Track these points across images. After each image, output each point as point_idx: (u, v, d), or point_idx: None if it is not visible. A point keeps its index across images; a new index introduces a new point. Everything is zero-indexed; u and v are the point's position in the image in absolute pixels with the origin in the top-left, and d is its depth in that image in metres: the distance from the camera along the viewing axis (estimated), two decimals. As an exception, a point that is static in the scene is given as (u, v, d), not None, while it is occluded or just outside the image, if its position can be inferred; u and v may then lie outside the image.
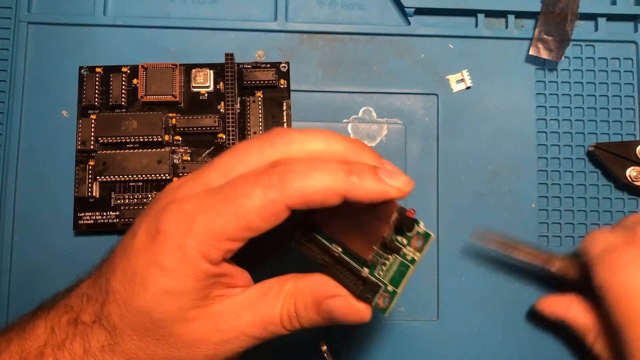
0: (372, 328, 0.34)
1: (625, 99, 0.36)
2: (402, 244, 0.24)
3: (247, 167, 0.23)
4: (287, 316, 0.24)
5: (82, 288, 0.25)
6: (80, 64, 0.34)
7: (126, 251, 0.23)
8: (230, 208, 0.22)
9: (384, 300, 0.24)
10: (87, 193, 0.33)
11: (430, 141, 0.35)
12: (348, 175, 0.22)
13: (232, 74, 0.34)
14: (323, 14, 0.36)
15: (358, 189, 0.22)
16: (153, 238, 0.22)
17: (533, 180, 0.35)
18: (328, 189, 0.22)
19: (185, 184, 0.24)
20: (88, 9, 0.36)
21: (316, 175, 0.22)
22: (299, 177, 0.22)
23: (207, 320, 0.23)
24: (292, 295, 0.24)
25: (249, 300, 0.24)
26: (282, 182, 0.22)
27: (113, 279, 0.23)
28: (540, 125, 0.36)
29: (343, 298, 0.24)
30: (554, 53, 0.35)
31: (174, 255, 0.22)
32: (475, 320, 0.34)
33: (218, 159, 0.24)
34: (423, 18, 0.37)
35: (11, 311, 0.33)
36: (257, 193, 0.22)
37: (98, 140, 0.33)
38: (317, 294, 0.24)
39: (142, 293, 0.22)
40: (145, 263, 0.22)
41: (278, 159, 0.23)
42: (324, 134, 0.24)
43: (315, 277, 0.25)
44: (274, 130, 0.24)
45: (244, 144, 0.24)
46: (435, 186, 0.35)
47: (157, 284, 0.22)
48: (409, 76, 0.36)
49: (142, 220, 0.23)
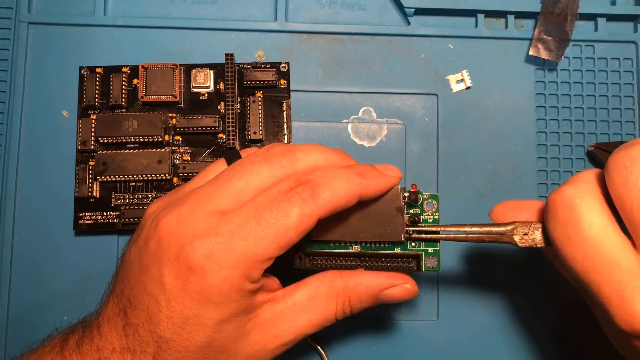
0: (372, 328, 0.34)
1: (625, 99, 0.36)
2: (418, 213, 0.28)
3: (260, 191, 0.24)
4: (342, 311, 0.27)
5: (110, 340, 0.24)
6: (81, 64, 0.34)
7: (158, 299, 0.23)
8: (271, 229, 0.23)
9: (430, 261, 0.28)
10: (88, 193, 0.33)
11: (430, 141, 0.35)
12: (360, 177, 0.25)
13: (232, 74, 0.34)
14: (323, 14, 0.36)
15: (371, 186, 0.25)
16: (186, 278, 0.23)
17: (533, 180, 0.35)
18: (350, 193, 0.24)
19: (195, 216, 0.23)
20: (88, 9, 0.36)
21: (336, 183, 0.24)
22: (325, 188, 0.24)
23: (262, 330, 0.25)
24: (344, 293, 0.27)
25: (300, 305, 0.26)
26: (313, 197, 0.23)
27: (159, 329, 0.23)
28: (540, 125, 0.36)
29: (400, 287, 0.27)
30: (553, 53, 0.35)
31: (222, 288, 0.23)
32: (475, 320, 0.34)
33: (223, 182, 0.24)
34: (423, 18, 0.37)
35: (11, 311, 0.33)
36: (295, 211, 0.23)
37: (98, 140, 0.33)
38: (372, 288, 0.27)
39: (201, 332, 0.23)
40: (193, 305, 0.23)
41: (298, 177, 0.24)
42: (317, 148, 0.26)
43: (362, 273, 0.27)
44: (276, 150, 0.25)
45: (249, 165, 0.25)
46: (435, 186, 0.35)
47: (214, 318, 0.23)
48: (409, 76, 0.36)
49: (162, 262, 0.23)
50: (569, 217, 0.23)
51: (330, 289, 0.26)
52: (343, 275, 0.27)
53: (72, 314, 0.33)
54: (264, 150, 0.26)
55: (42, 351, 0.25)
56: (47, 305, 0.33)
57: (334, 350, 0.33)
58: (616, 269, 0.21)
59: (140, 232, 0.25)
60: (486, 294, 0.34)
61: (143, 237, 0.24)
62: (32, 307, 0.33)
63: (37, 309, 0.33)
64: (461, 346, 0.34)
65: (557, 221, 0.23)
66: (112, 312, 0.24)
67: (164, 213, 0.24)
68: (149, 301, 0.23)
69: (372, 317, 0.34)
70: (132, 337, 0.23)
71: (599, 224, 0.22)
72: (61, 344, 0.25)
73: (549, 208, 0.24)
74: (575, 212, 0.23)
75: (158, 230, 0.24)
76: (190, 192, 0.25)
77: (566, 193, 0.23)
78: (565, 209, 0.23)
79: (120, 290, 0.25)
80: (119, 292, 0.25)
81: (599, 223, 0.22)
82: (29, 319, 0.33)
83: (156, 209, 0.26)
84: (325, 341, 0.34)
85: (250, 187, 0.24)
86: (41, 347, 0.25)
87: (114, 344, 0.24)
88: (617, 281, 0.21)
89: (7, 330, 0.33)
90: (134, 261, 0.24)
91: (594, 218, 0.22)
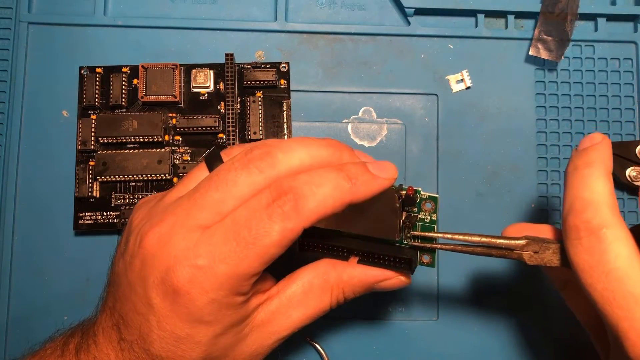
0: (372, 328, 0.34)
1: (625, 99, 0.36)
2: (415, 212, 0.27)
3: (240, 200, 0.23)
4: (336, 302, 0.26)
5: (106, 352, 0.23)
6: (81, 64, 0.34)
7: (149, 320, 0.22)
8: (252, 250, 0.22)
9: (424, 257, 0.27)
10: (87, 193, 0.33)
11: (430, 141, 0.35)
12: (349, 182, 0.23)
13: (232, 74, 0.34)
14: (323, 14, 0.36)
15: (361, 192, 0.23)
16: (174, 301, 0.22)
17: (533, 180, 0.35)
18: (336, 201, 0.23)
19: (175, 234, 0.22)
20: (88, 9, 0.36)
21: (322, 191, 0.22)
22: (310, 199, 0.22)
23: (260, 330, 0.25)
24: (338, 286, 0.26)
25: (294, 300, 0.26)
26: (296, 209, 0.22)
27: (152, 348, 0.23)
28: (540, 125, 0.36)
29: (394, 279, 0.27)
30: (553, 53, 0.35)
31: (211, 308, 0.22)
32: (475, 320, 0.34)
33: (200, 195, 0.23)
34: (423, 18, 0.37)
35: (12, 311, 0.33)
36: (276, 228, 0.22)
37: (98, 140, 0.33)
38: (366, 280, 0.26)
39: (196, 349, 0.23)
40: (184, 325, 0.22)
41: (279, 184, 0.22)
42: (302, 144, 0.24)
43: (354, 265, 0.27)
44: (254, 154, 0.23)
45: (225, 174, 0.23)
46: (435, 186, 0.35)
47: (207, 335, 0.23)
48: (409, 76, 0.36)
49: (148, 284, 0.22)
50: (594, 246, 0.22)
51: (324, 282, 0.26)
52: (336, 267, 0.26)
53: (72, 314, 0.33)
54: (243, 153, 0.24)
55: (44, 354, 0.25)
56: (47, 305, 0.33)
57: (334, 350, 0.33)
58: (638, 305, 0.21)
59: (126, 245, 0.24)
60: (486, 294, 0.34)
61: (129, 253, 0.24)
62: (32, 307, 0.33)
63: (37, 309, 0.33)
64: (461, 346, 0.34)
65: (580, 248, 0.22)
66: (106, 324, 0.24)
67: (146, 229, 0.23)
68: (140, 320, 0.23)
69: (372, 317, 0.34)
70: (127, 352, 0.23)
71: (625, 257, 0.22)
72: (62, 348, 0.25)
73: (572, 232, 0.23)
74: (602, 242, 0.22)
75: (142, 249, 0.23)
76: (171, 203, 0.24)
77: (593, 221, 0.22)
78: (591, 237, 0.22)
79: (112, 304, 0.24)
80: (111, 305, 0.24)
81: (625, 255, 0.22)
82: (29, 319, 0.33)
83: (140, 222, 0.24)
84: (325, 341, 0.34)
85: (228, 197, 0.23)
86: (42, 349, 0.25)
87: (110, 357, 0.23)
88: (638, 319, 0.21)
89: (7, 330, 0.33)
90: (121, 276, 0.24)
91: (620, 250, 0.22)
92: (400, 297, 0.34)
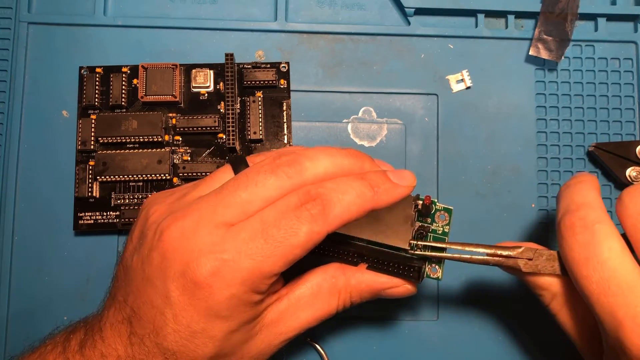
0: (372, 328, 0.34)
1: (625, 99, 0.36)
2: (428, 223, 0.28)
3: (267, 202, 0.24)
4: (342, 306, 0.27)
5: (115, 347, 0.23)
6: (81, 64, 0.34)
7: (164, 313, 0.23)
8: (279, 249, 0.22)
9: (432, 269, 0.28)
10: (87, 193, 0.33)
11: (430, 141, 0.35)
12: (372, 191, 0.24)
13: (232, 74, 0.34)
14: (323, 14, 0.36)
15: (383, 200, 0.24)
16: (193, 294, 0.22)
17: (533, 180, 0.35)
18: (360, 208, 0.24)
19: (200, 229, 0.23)
20: (88, 9, 0.36)
21: (347, 199, 0.23)
22: (336, 205, 0.23)
23: (268, 330, 0.25)
24: (346, 290, 0.27)
25: (302, 301, 0.26)
26: (323, 214, 0.23)
27: (165, 341, 0.23)
28: (540, 125, 0.36)
29: (402, 288, 0.27)
30: (554, 53, 0.35)
31: (230, 303, 0.23)
32: (475, 320, 0.34)
33: (228, 193, 0.24)
34: (423, 18, 0.37)
35: (11, 311, 0.33)
36: (303, 229, 0.23)
37: (98, 140, 0.33)
38: (374, 287, 0.27)
39: (210, 344, 0.23)
40: (200, 319, 0.23)
41: (308, 190, 0.24)
42: (327, 153, 0.25)
43: (363, 271, 0.27)
44: (282, 160, 0.24)
45: (255, 175, 0.24)
46: (435, 186, 0.35)
47: (223, 330, 0.23)
48: (409, 76, 0.36)
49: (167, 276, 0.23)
50: (589, 240, 0.24)
51: (332, 286, 0.27)
52: (345, 271, 0.27)
53: (72, 314, 0.32)
54: (271, 159, 0.25)
55: (44, 350, 0.25)
56: (47, 305, 0.33)
57: (334, 350, 0.33)
58: (632, 292, 0.22)
59: (143, 239, 0.25)
60: (486, 294, 0.34)
61: (146, 247, 0.24)
62: (32, 307, 0.33)
63: (37, 309, 0.33)
64: (461, 346, 0.34)
65: (575, 243, 0.24)
66: (114, 319, 0.24)
67: (167, 223, 0.24)
68: (155, 314, 0.23)
69: (372, 317, 0.34)
70: (137, 347, 0.23)
71: (618, 249, 0.23)
72: (63, 344, 0.24)
73: (567, 231, 0.25)
74: (595, 235, 0.24)
75: (162, 242, 0.23)
76: (194, 200, 0.25)
77: (588, 218, 0.24)
78: (586, 232, 0.24)
79: (123, 298, 0.24)
80: (122, 299, 0.24)
81: (618, 248, 0.23)
82: (29, 319, 0.33)
83: (159, 216, 0.25)
84: (325, 341, 0.34)
85: (256, 198, 0.23)
86: (42, 345, 0.25)
87: (118, 352, 0.23)
88: (633, 304, 0.22)
89: (7, 330, 0.33)
90: (136, 271, 0.24)
91: (612, 243, 0.23)
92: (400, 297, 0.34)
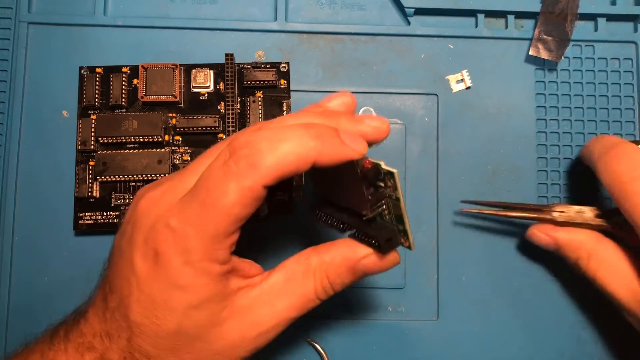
0: (372, 328, 0.34)
1: (625, 99, 0.36)
2: (382, 187, 0.24)
3: None
4: (322, 289, 0.25)
5: (93, 325, 0.24)
6: (81, 64, 0.34)
7: (130, 282, 0.23)
8: (213, 212, 0.21)
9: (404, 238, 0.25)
10: (87, 193, 0.33)
11: (430, 141, 0.35)
12: (315, 140, 0.22)
13: (232, 74, 0.34)
14: (323, 14, 0.36)
15: (326, 154, 0.22)
16: (155, 262, 0.22)
17: (533, 180, 0.35)
18: (300, 157, 0.21)
19: (164, 197, 0.23)
20: (88, 9, 0.36)
21: (283, 147, 0.21)
22: (267, 153, 0.21)
23: (240, 318, 0.24)
24: (321, 269, 0.25)
25: (277, 288, 0.24)
26: (252, 166, 0.21)
27: (130, 313, 0.23)
28: (540, 125, 0.36)
29: (374, 255, 0.25)
30: (553, 53, 0.35)
31: (187, 272, 0.22)
32: (475, 320, 0.34)
33: (195, 162, 0.24)
34: (423, 18, 0.37)
35: (11, 311, 0.33)
36: (232, 187, 0.21)
37: (98, 140, 0.33)
38: (348, 260, 0.25)
39: (169, 317, 0.22)
40: (160, 288, 0.22)
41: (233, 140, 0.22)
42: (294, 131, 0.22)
43: (337, 245, 0.25)
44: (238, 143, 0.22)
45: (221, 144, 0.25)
46: (435, 186, 0.35)
47: (182, 303, 0.22)
48: (409, 76, 0.36)
49: (133, 244, 0.23)
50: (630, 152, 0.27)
51: (305, 267, 0.25)
52: (319, 250, 0.25)
53: (72, 314, 0.33)
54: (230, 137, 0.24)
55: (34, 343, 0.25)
56: (47, 305, 0.33)
57: (334, 350, 0.33)
58: None
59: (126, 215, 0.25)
60: (486, 294, 0.34)
61: (125, 220, 0.24)
62: (32, 308, 0.33)
63: (38, 309, 0.33)
64: (461, 346, 0.34)
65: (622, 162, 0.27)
66: (97, 299, 0.24)
67: (141, 193, 0.24)
68: (122, 284, 0.23)
69: (372, 317, 0.34)
70: (110, 322, 0.23)
71: None
72: (51, 334, 0.25)
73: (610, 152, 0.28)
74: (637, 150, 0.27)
75: (135, 212, 0.23)
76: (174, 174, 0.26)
77: (628, 144, 0.28)
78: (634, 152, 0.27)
79: (106, 277, 0.25)
80: (105, 278, 0.25)
81: None
82: (29, 319, 0.33)
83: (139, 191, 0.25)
84: (325, 341, 0.34)
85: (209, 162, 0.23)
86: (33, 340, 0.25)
87: (95, 328, 0.23)
88: None
89: (7, 330, 0.33)
90: (116, 246, 0.24)
91: None
92: (400, 297, 0.34)
